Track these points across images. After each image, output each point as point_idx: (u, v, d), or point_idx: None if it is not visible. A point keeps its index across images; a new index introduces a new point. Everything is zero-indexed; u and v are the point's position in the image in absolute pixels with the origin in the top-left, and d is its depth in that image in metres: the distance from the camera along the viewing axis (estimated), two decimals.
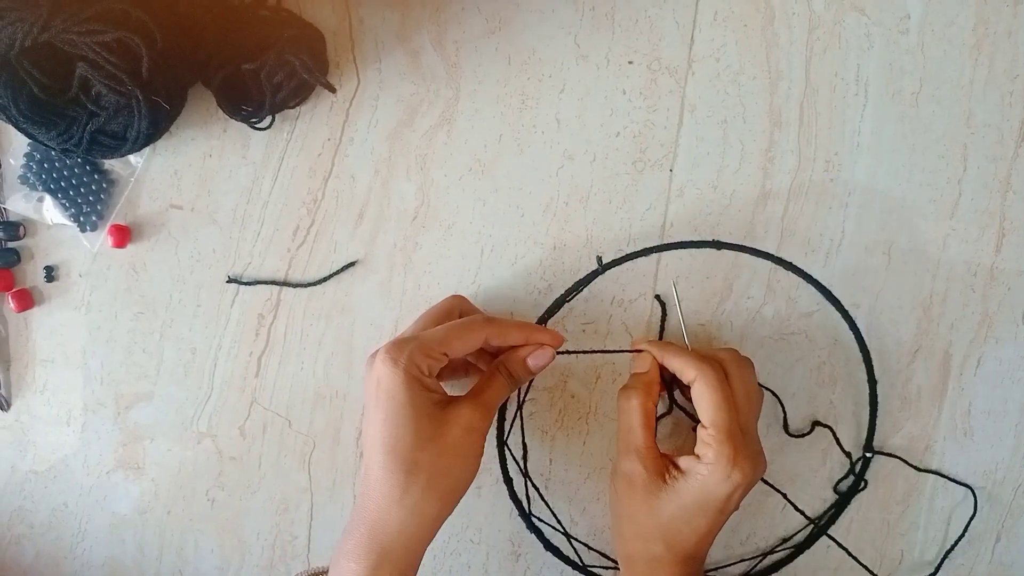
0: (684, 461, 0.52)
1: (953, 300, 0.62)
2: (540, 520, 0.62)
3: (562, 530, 0.62)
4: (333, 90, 0.57)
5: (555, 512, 0.62)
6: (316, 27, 0.58)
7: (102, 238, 0.59)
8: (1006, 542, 0.65)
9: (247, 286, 0.60)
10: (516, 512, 0.62)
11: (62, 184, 0.58)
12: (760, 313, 0.62)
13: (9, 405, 0.62)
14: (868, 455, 0.62)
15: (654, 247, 0.60)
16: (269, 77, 0.55)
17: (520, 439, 0.61)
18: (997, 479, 0.64)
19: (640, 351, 0.57)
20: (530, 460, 0.62)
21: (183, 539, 0.64)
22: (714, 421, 0.50)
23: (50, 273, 0.60)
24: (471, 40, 0.60)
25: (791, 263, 0.60)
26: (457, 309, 0.57)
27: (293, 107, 0.58)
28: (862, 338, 0.61)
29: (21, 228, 0.59)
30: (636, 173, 0.61)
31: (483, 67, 0.60)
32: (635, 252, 0.60)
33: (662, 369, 0.56)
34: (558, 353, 0.53)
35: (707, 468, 0.50)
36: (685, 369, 0.52)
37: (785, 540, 0.64)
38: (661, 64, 0.60)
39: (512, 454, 0.60)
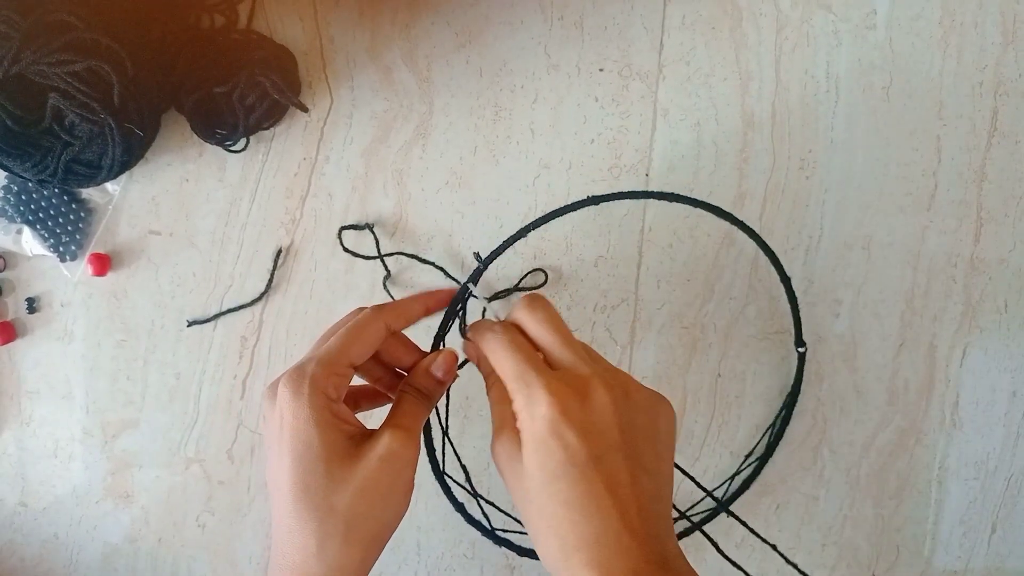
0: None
1: (935, 292, 0.62)
2: (506, 531, 0.59)
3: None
4: (305, 109, 0.58)
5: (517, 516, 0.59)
6: (287, 48, 0.58)
7: (82, 267, 0.60)
8: (1002, 532, 0.64)
9: (228, 314, 0.61)
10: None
11: (40, 215, 0.58)
12: (743, 313, 0.62)
13: None
14: (800, 350, 0.61)
15: (528, 226, 0.52)
16: (241, 99, 0.55)
17: (457, 461, 0.55)
18: (989, 469, 0.64)
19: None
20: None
21: (175, 566, 0.63)
22: (501, 370, 0.42)
23: (32, 304, 0.60)
24: (442, 54, 0.60)
25: (672, 193, 0.53)
26: None
27: (267, 128, 0.59)
28: (773, 254, 0.57)
29: (1, 261, 0.59)
30: (612, 179, 0.61)
31: (455, 80, 0.60)
32: (512, 236, 0.52)
33: None
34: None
35: (520, 419, 0.40)
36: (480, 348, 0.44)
37: (747, 456, 0.63)
38: (632, 70, 0.60)
39: (455, 481, 0.55)
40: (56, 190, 0.58)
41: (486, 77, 0.60)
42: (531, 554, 0.59)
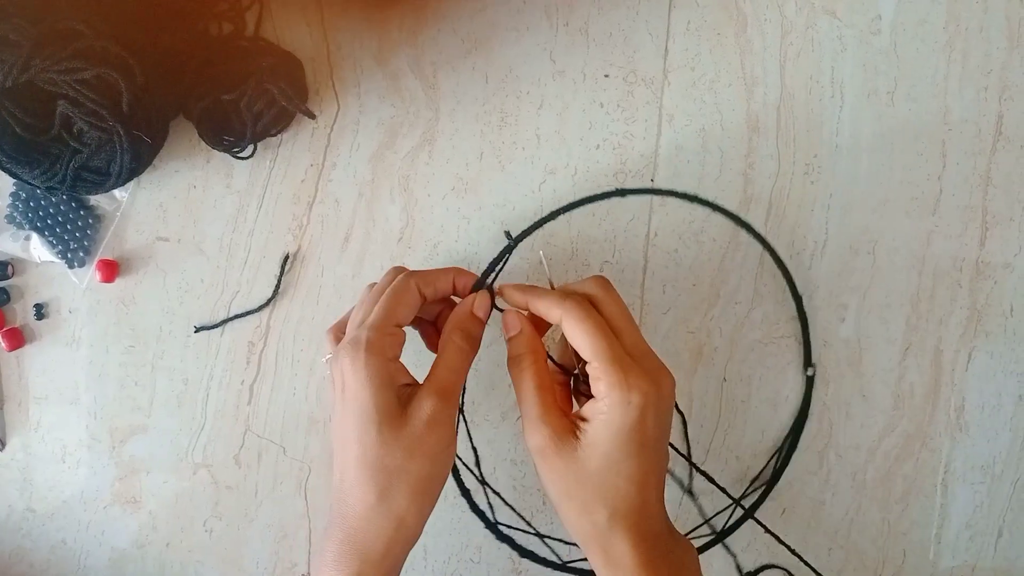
0: (585, 409, 0.47)
1: (941, 296, 0.62)
2: (510, 527, 0.59)
3: (533, 531, 0.60)
4: (313, 116, 0.58)
5: (522, 513, 0.59)
6: (294, 55, 0.59)
7: (90, 273, 0.60)
8: (1008, 537, 0.64)
9: (235, 320, 0.61)
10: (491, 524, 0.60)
11: (48, 222, 0.59)
12: (749, 317, 0.62)
13: (4, 444, 0.62)
14: (808, 373, 0.61)
15: (561, 208, 0.60)
16: (249, 106, 0.56)
17: (469, 443, 0.56)
18: (995, 473, 0.64)
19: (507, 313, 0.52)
20: (495, 444, 0.61)
21: (183, 571, 0.63)
22: (593, 350, 0.46)
23: (40, 311, 0.60)
24: (448, 61, 0.60)
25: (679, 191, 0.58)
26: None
27: (275, 135, 0.59)
28: (775, 253, 0.60)
29: (9, 267, 0.60)
30: (618, 184, 0.61)
31: (461, 87, 0.60)
32: (543, 218, 0.57)
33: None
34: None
35: (605, 402, 0.45)
36: (549, 310, 0.48)
37: (752, 481, 0.63)
38: (637, 76, 0.60)
39: (464, 464, 0.55)
40: (64, 197, 0.59)
41: (492, 83, 0.60)
42: (531, 556, 0.60)
